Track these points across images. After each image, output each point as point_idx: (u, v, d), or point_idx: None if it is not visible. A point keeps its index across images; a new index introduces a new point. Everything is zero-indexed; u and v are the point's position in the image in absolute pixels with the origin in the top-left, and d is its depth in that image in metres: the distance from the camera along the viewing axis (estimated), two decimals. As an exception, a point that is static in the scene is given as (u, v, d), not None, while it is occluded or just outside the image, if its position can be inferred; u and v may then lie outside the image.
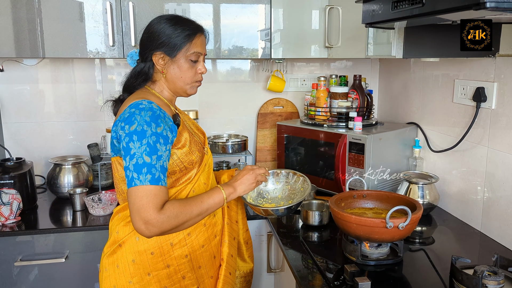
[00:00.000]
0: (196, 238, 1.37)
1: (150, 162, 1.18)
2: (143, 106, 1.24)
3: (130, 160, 1.19)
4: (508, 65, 1.53)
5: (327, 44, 2.13)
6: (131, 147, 1.19)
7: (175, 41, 1.33)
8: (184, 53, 1.34)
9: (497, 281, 1.22)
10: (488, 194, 1.64)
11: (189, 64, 1.36)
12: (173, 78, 1.37)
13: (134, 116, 1.22)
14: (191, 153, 1.35)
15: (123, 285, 1.32)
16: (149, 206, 1.17)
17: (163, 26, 1.33)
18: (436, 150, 1.94)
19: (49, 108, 2.35)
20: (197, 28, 1.37)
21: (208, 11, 2.07)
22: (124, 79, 1.44)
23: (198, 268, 1.39)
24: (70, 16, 1.93)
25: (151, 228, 1.17)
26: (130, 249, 1.32)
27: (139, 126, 1.20)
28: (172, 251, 1.33)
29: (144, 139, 1.19)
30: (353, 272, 1.27)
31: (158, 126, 1.23)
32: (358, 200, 1.61)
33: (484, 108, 1.65)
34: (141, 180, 1.17)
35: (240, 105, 2.55)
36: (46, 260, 1.81)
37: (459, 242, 1.67)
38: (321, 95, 2.18)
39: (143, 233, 1.19)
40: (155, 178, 1.18)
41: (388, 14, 1.20)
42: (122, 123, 1.24)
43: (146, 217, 1.16)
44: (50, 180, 2.13)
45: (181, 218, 1.23)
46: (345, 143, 1.95)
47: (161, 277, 1.33)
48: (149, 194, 1.17)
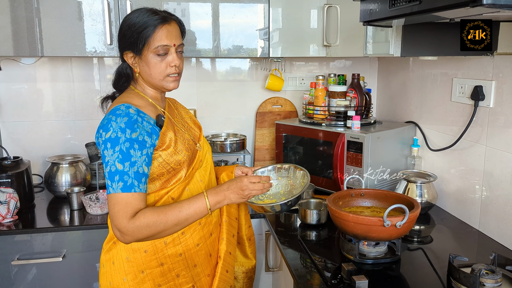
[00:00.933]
0: (190, 237, 1.36)
1: (122, 170, 1.18)
2: (120, 112, 1.23)
3: (105, 167, 1.21)
4: (507, 64, 1.53)
5: (325, 43, 2.13)
6: (105, 155, 1.21)
7: (137, 38, 1.27)
8: (149, 49, 1.28)
9: (495, 280, 1.22)
10: (486, 193, 1.64)
11: (156, 59, 1.30)
12: (146, 75, 1.33)
13: (110, 123, 1.22)
14: (177, 153, 1.32)
15: (118, 282, 1.33)
16: (120, 215, 1.18)
17: (128, 23, 1.29)
18: (435, 149, 1.94)
19: (47, 107, 2.35)
20: (162, 18, 1.29)
21: (207, 10, 2.07)
22: (112, 77, 1.42)
23: (194, 266, 1.38)
24: (68, 15, 1.92)
25: (125, 236, 1.20)
26: (124, 247, 1.33)
27: (114, 133, 1.20)
28: (166, 249, 1.33)
29: (117, 146, 1.19)
30: (350, 271, 1.27)
31: (133, 131, 1.21)
32: (356, 198, 1.60)
33: (482, 107, 1.64)
34: (114, 188, 1.18)
35: (238, 104, 2.55)
36: (44, 259, 1.81)
37: (457, 241, 1.67)
38: (319, 94, 2.18)
39: (120, 240, 1.21)
40: (127, 185, 1.18)
41: (385, 12, 1.20)
42: (101, 130, 1.24)
43: (117, 225, 1.19)
44: (48, 179, 2.12)
45: (153, 228, 1.20)
46: (343, 142, 1.95)
47: (155, 275, 1.33)
48: (120, 202, 1.18)
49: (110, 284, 1.34)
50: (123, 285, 1.33)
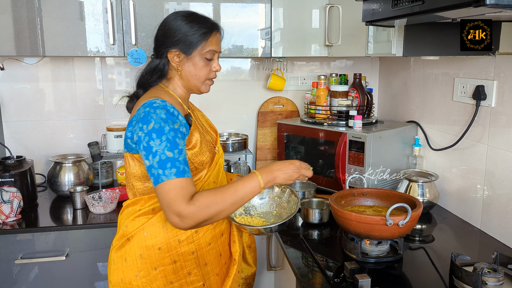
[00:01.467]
0: (203, 236, 1.38)
1: (173, 157, 1.20)
2: (157, 105, 1.26)
3: (153, 158, 1.19)
4: (508, 63, 1.53)
5: (327, 42, 2.13)
6: (152, 145, 1.20)
7: (191, 39, 1.33)
8: (200, 51, 1.35)
9: (497, 278, 1.23)
10: (487, 192, 1.65)
11: (204, 62, 1.37)
12: (187, 75, 1.38)
13: (150, 115, 1.23)
14: (202, 153, 1.35)
15: (130, 278, 1.34)
16: (178, 199, 1.17)
17: (179, 23, 1.34)
18: (436, 148, 1.94)
19: (50, 107, 2.35)
20: (213, 26, 1.38)
21: (208, 10, 2.07)
22: (138, 74, 1.45)
23: (204, 265, 1.40)
24: (71, 15, 1.93)
25: (185, 220, 1.17)
26: (138, 244, 1.34)
27: (156, 124, 1.22)
28: (179, 247, 1.34)
29: (163, 135, 1.21)
30: (353, 269, 1.28)
31: (174, 122, 1.25)
32: (358, 198, 1.61)
33: (484, 106, 1.65)
34: (167, 175, 1.18)
35: (240, 104, 2.55)
36: (47, 258, 1.81)
37: (459, 240, 1.67)
38: (321, 93, 2.19)
39: (179, 226, 1.19)
40: (180, 171, 1.19)
41: (388, 12, 1.21)
42: (139, 124, 1.24)
43: (176, 210, 1.17)
44: (51, 179, 2.13)
45: (213, 208, 1.21)
46: (345, 142, 1.96)
47: (168, 272, 1.34)
48: (175, 187, 1.17)
49: (122, 280, 1.36)
50: (136, 281, 1.34)
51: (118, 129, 2.28)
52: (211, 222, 1.24)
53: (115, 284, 1.38)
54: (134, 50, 1.96)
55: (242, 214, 1.58)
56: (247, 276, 1.67)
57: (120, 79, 2.41)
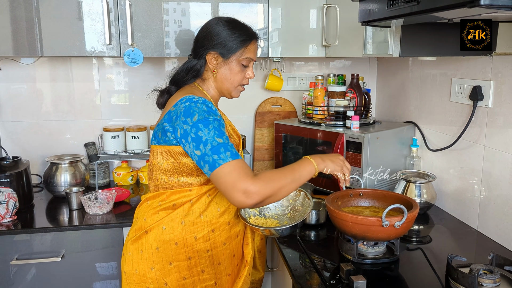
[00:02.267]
0: (219, 235, 1.41)
1: (223, 142, 1.24)
2: (197, 100, 1.30)
3: (205, 146, 1.23)
4: (505, 64, 1.53)
5: (324, 43, 2.13)
6: (201, 135, 1.24)
7: (231, 44, 1.39)
8: (238, 57, 1.41)
9: (493, 280, 1.22)
10: (485, 193, 1.64)
11: (240, 67, 1.43)
12: (222, 78, 1.43)
13: (191, 109, 1.28)
14: None
15: (145, 270, 1.37)
16: (242, 177, 1.19)
17: (221, 28, 1.40)
18: (434, 149, 1.94)
19: (46, 107, 2.35)
20: (252, 34, 1.43)
21: (206, 10, 2.06)
22: (173, 72, 1.50)
23: (218, 264, 1.43)
24: (68, 15, 1.92)
25: (252, 196, 1.19)
26: (155, 237, 1.37)
27: (201, 115, 1.26)
28: (195, 244, 1.38)
29: (210, 124, 1.25)
30: (349, 271, 1.27)
31: (215, 114, 1.30)
32: (355, 198, 1.60)
33: (481, 107, 1.64)
34: (223, 158, 1.21)
35: (238, 104, 2.54)
36: (43, 259, 1.81)
37: (456, 241, 1.67)
38: (318, 94, 2.18)
39: (245, 203, 1.20)
40: (233, 153, 1.23)
41: (384, 12, 1.20)
42: (182, 118, 1.27)
43: (243, 187, 1.18)
44: (47, 179, 2.12)
45: (277, 182, 1.24)
46: (343, 142, 1.95)
47: (182, 268, 1.38)
48: (235, 168, 1.20)
49: (136, 272, 1.39)
50: (150, 274, 1.37)
51: (114, 129, 2.28)
52: (274, 199, 1.26)
53: (129, 275, 1.40)
54: (130, 50, 1.95)
55: (257, 215, 1.59)
56: (254, 281, 1.69)
57: (118, 79, 2.40)
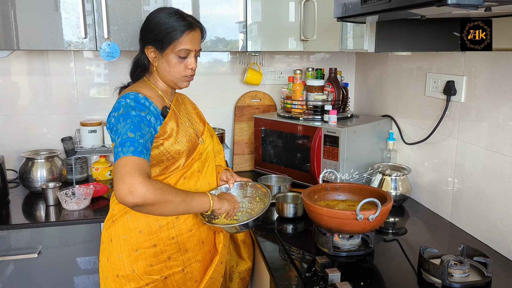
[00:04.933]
0: (184, 222, 1.43)
1: (133, 137, 1.24)
2: (129, 96, 1.34)
3: (117, 138, 1.25)
4: (478, 59, 1.56)
5: (302, 37, 2.14)
6: (118, 128, 1.27)
7: (164, 37, 1.38)
8: (172, 49, 1.39)
9: (463, 270, 1.26)
10: (457, 185, 1.69)
11: (177, 59, 1.41)
12: (162, 71, 1.44)
13: (120, 104, 1.32)
14: (177, 143, 1.41)
15: (115, 258, 1.41)
16: (133, 172, 1.16)
17: (156, 21, 1.40)
18: (409, 142, 1.98)
19: (22, 101, 2.30)
20: (189, 24, 1.40)
21: (187, 2, 2.04)
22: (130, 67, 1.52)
23: (185, 251, 1.45)
24: (44, 8, 1.88)
25: (135, 194, 1.14)
26: (122, 226, 1.41)
27: (125, 110, 1.30)
28: (160, 231, 1.40)
29: (129, 118, 1.28)
30: (323, 264, 1.29)
31: (142, 110, 1.31)
32: (331, 192, 1.63)
33: (454, 101, 1.68)
34: (124, 151, 1.21)
35: (217, 98, 2.54)
36: (19, 255, 1.78)
37: (430, 232, 1.71)
38: (297, 88, 2.19)
39: (126, 200, 1.15)
40: (137, 150, 1.22)
41: (357, 9, 1.21)
42: (113, 113, 1.33)
43: (130, 182, 1.15)
44: (22, 175, 2.09)
45: (166, 194, 1.20)
46: (320, 136, 1.97)
47: (148, 255, 1.40)
48: (131, 162, 1.19)
49: (108, 260, 1.43)
50: (119, 261, 1.41)
51: (92, 123, 2.25)
52: (157, 210, 1.21)
53: (102, 263, 1.46)
54: (106, 43, 1.93)
55: None
56: (241, 271, 1.72)
57: (96, 73, 2.37)
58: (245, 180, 1.64)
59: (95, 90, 2.37)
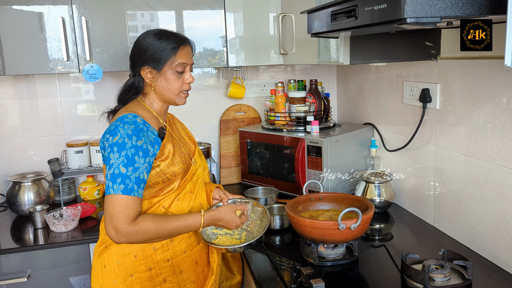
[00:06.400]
0: (178, 244, 1.43)
1: (125, 173, 1.26)
2: (127, 120, 1.32)
3: (109, 170, 1.27)
4: (450, 68, 1.61)
5: (282, 51, 2.18)
6: (111, 158, 1.28)
7: (160, 55, 1.39)
8: (170, 65, 1.41)
9: (444, 274, 1.30)
10: (438, 190, 1.73)
11: (175, 75, 1.43)
12: (161, 90, 1.44)
13: (117, 129, 1.30)
14: (174, 165, 1.41)
15: (109, 284, 1.40)
16: (121, 216, 1.24)
17: (148, 41, 1.41)
18: (391, 149, 2.02)
19: (9, 124, 2.31)
20: (181, 40, 1.44)
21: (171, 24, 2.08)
22: (118, 91, 1.51)
23: (180, 272, 1.45)
24: (27, 33, 1.90)
25: (120, 237, 1.26)
26: (115, 251, 1.40)
27: (121, 138, 1.29)
28: (155, 255, 1.40)
29: (123, 150, 1.27)
30: (308, 275, 1.32)
31: (139, 139, 1.31)
32: (315, 202, 1.66)
33: (430, 108, 1.73)
34: (115, 189, 1.25)
35: (202, 113, 2.57)
36: (9, 280, 1.78)
37: (414, 237, 1.75)
38: (279, 100, 2.23)
39: (112, 239, 1.27)
40: (127, 188, 1.26)
41: (329, 26, 1.26)
42: (107, 135, 1.32)
43: (116, 225, 1.24)
44: (10, 199, 2.09)
45: (149, 235, 1.29)
46: (304, 147, 2.01)
47: (143, 279, 1.40)
48: (120, 203, 1.25)
49: (101, 286, 1.42)
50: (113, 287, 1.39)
51: (78, 144, 2.27)
52: (142, 243, 1.35)
53: None
54: (89, 65, 1.95)
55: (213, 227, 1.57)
56: (231, 285, 1.71)
57: (81, 94, 2.38)
58: (239, 198, 1.64)
59: (80, 109, 2.39)
